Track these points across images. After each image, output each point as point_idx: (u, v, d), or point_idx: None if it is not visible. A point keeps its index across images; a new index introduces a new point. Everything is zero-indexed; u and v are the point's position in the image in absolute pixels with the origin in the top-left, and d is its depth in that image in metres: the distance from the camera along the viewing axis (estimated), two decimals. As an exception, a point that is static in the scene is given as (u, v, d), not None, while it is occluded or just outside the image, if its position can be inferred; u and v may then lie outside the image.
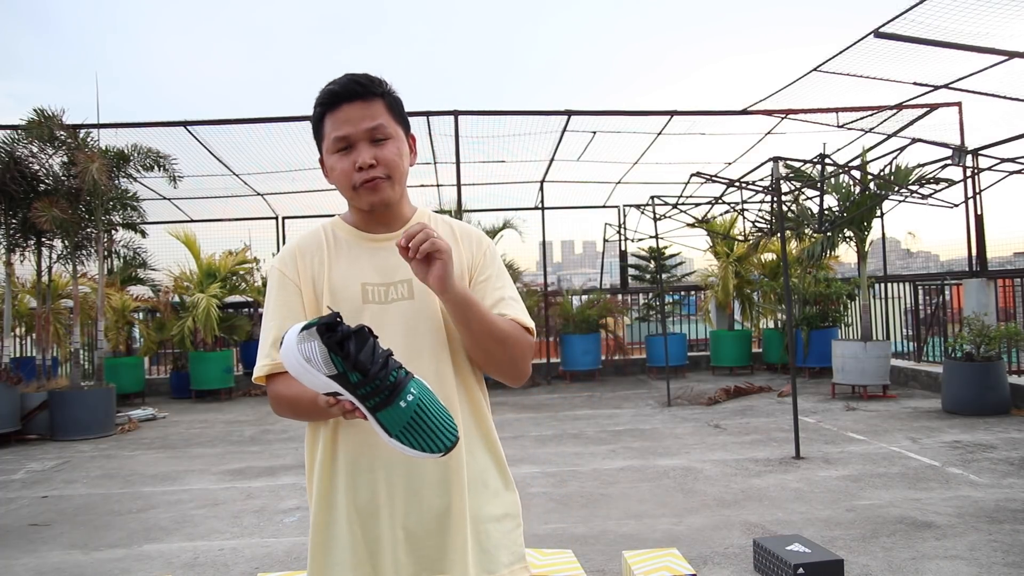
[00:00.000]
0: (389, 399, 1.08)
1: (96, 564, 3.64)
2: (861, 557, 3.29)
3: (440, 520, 1.33)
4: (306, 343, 1.06)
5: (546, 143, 10.30)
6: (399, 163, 1.38)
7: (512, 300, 1.42)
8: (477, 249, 1.46)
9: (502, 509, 1.41)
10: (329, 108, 1.36)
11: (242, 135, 9.68)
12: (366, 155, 1.34)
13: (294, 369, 1.08)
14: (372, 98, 1.35)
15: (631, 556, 2.92)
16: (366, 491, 1.33)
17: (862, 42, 7.05)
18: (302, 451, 5.80)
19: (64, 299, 9.55)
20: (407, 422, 1.08)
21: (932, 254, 13.33)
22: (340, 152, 1.36)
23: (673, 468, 5.05)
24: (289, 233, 11.92)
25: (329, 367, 1.06)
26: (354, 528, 1.33)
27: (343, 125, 1.34)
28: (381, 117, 1.36)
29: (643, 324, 11.34)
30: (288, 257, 1.42)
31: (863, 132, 9.67)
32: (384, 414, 1.09)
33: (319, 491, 1.36)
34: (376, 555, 1.32)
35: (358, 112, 1.34)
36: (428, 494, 1.33)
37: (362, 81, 1.35)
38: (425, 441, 1.09)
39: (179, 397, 10.01)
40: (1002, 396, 6.56)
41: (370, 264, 1.40)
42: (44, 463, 6.14)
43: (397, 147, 1.38)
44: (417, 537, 1.33)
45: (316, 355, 1.06)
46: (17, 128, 7.71)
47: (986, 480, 4.45)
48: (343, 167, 1.36)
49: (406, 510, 1.32)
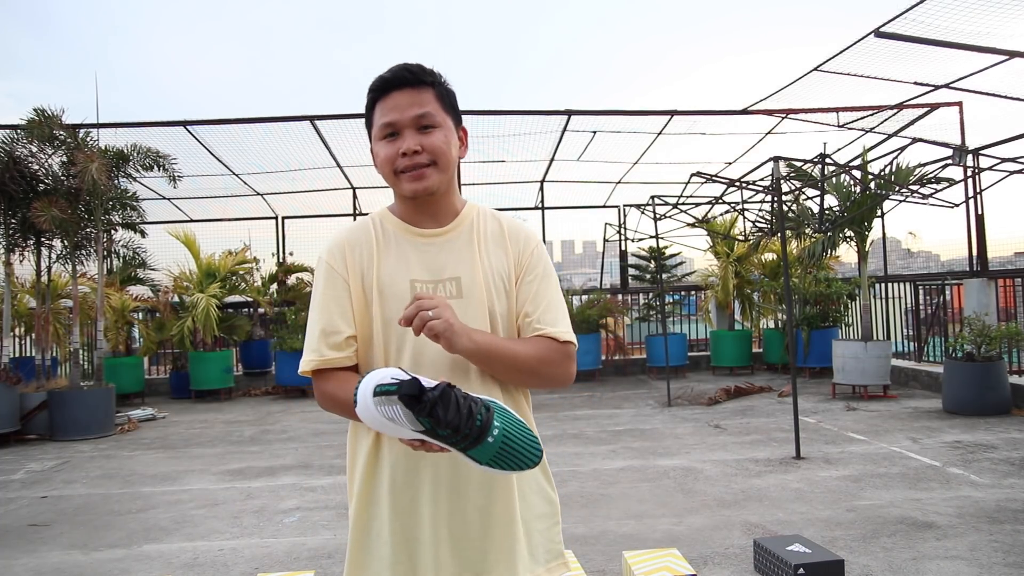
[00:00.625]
0: (478, 440, 1.11)
1: (96, 564, 3.64)
2: (861, 557, 3.28)
3: (484, 521, 1.34)
4: (387, 406, 1.09)
5: (546, 143, 10.30)
6: (446, 151, 1.36)
7: (553, 306, 1.40)
8: (525, 248, 1.44)
9: (543, 508, 1.43)
10: (379, 95, 1.35)
11: (242, 135, 9.68)
12: (411, 141, 1.33)
13: (376, 424, 1.12)
14: (422, 86, 1.35)
15: (631, 556, 2.92)
16: (410, 490, 1.34)
17: (862, 42, 7.05)
18: (301, 451, 5.78)
19: (63, 299, 9.54)
20: (496, 452, 1.13)
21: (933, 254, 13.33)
22: (386, 139, 1.36)
23: (673, 468, 5.04)
24: (289, 233, 11.92)
25: (416, 425, 1.10)
26: (395, 526, 1.33)
27: (390, 111, 1.34)
28: (429, 105, 1.35)
29: (643, 324, 11.34)
30: (337, 250, 1.40)
31: (863, 132, 9.67)
32: (474, 451, 1.13)
33: (362, 487, 1.36)
34: (416, 554, 1.33)
35: (406, 99, 1.34)
36: (473, 495, 1.34)
37: (413, 69, 1.35)
38: (515, 463, 1.14)
39: (179, 397, 10.00)
40: (1003, 396, 6.55)
41: (419, 260, 1.39)
42: (44, 463, 6.13)
43: (445, 136, 1.36)
44: (460, 537, 1.33)
45: (401, 416, 1.09)
46: (17, 128, 7.71)
47: (987, 480, 4.44)
48: (387, 153, 1.35)
49: (450, 510, 1.33)
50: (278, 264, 11.48)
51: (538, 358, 1.34)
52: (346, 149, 10.10)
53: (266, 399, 9.68)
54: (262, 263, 11.15)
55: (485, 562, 1.34)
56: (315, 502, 4.57)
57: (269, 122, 9.40)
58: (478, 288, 1.37)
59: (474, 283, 1.37)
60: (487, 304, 1.36)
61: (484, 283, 1.38)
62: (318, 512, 4.36)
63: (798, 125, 9.81)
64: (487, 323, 1.36)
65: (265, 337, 10.58)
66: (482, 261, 1.40)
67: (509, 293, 1.40)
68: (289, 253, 11.68)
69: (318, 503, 4.55)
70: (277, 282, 11.14)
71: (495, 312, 1.37)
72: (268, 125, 9.48)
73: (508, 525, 1.35)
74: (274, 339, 9.84)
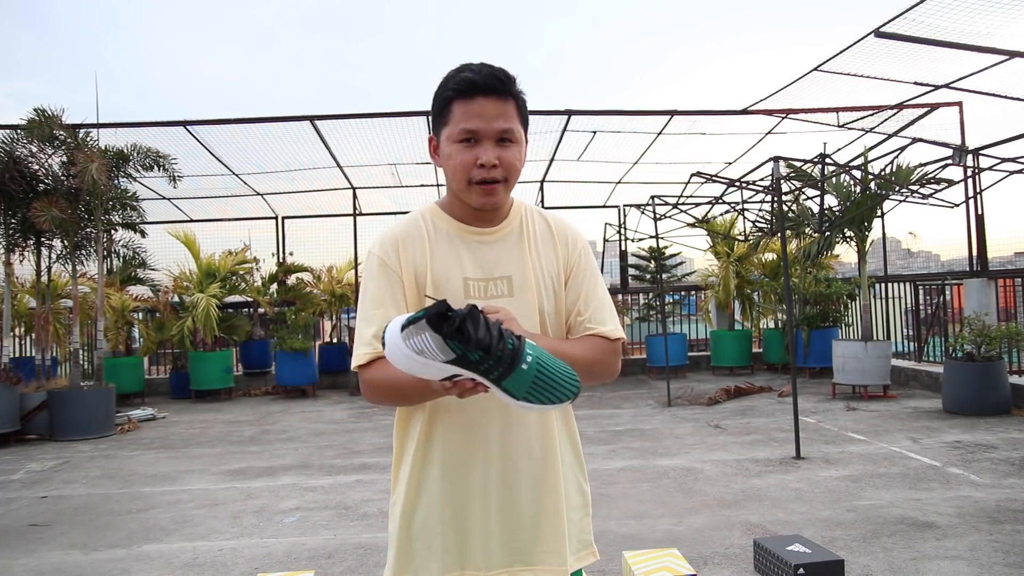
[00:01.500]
0: (511, 367, 1.08)
1: (96, 564, 3.64)
2: (861, 557, 3.28)
3: (535, 514, 1.37)
4: (415, 337, 1.06)
5: (546, 143, 10.29)
6: (518, 169, 1.37)
7: (604, 305, 1.44)
8: (572, 249, 1.47)
9: (580, 499, 1.47)
10: (463, 96, 1.31)
11: (242, 135, 9.67)
12: (490, 154, 1.32)
13: (405, 364, 1.08)
14: (507, 97, 1.33)
15: (631, 556, 2.92)
16: (462, 482, 1.35)
17: (862, 42, 7.04)
18: (301, 451, 5.78)
19: (63, 299, 9.54)
20: (531, 383, 1.09)
21: (932, 254, 13.35)
22: (464, 143, 1.33)
23: (673, 468, 5.04)
24: (289, 233, 11.91)
25: (447, 353, 1.06)
26: (446, 517, 1.35)
27: (475, 118, 1.31)
28: (513, 120, 1.34)
29: (643, 324, 11.34)
30: (390, 246, 1.39)
31: (863, 132, 9.67)
32: (508, 382, 1.09)
33: (411, 477, 1.38)
34: (465, 545, 1.35)
35: (493, 108, 1.31)
36: (524, 489, 1.37)
37: (501, 77, 1.32)
38: (552, 395, 1.11)
39: (179, 397, 10.00)
40: (1003, 396, 6.55)
41: (470, 259, 1.40)
42: (43, 463, 6.13)
43: (520, 152, 1.36)
44: (511, 530, 1.36)
45: (430, 345, 1.05)
46: (17, 128, 7.71)
47: (987, 480, 4.44)
48: (464, 159, 1.33)
49: (501, 503, 1.36)
50: (278, 264, 11.48)
51: (592, 359, 1.38)
52: (346, 149, 10.09)
53: (266, 399, 9.68)
54: (262, 263, 11.16)
55: (535, 553, 1.37)
56: (315, 502, 4.57)
57: (269, 122, 9.39)
58: (528, 287, 1.39)
59: (525, 282, 1.40)
60: (537, 303, 1.39)
61: (534, 282, 1.40)
62: (318, 512, 4.36)
63: (798, 125, 9.80)
64: (536, 321, 1.39)
65: (265, 337, 10.58)
66: (532, 260, 1.42)
67: (558, 292, 1.43)
68: (289, 253, 11.68)
69: (318, 503, 4.55)
70: (277, 282, 11.14)
71: (544, 311, 1.40)
72: (268, 125, 9.48)
73: (556, 518, 1.38)
74: (274, 339, 9.84)
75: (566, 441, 1.46)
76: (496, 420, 1.36)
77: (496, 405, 1.31)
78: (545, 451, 1.39)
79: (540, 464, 1.38)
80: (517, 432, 1.37)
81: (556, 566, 1.37)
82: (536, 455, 1.38)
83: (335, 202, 11.98)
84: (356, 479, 5.10)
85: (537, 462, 1.37)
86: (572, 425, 1.49)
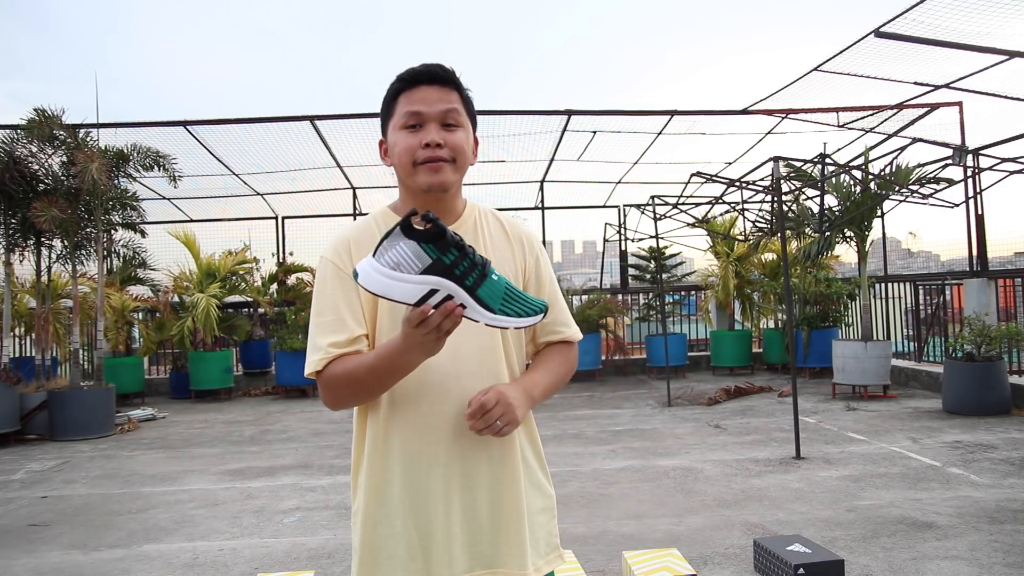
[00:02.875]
0: (484, 272, 1.10)
1: (96, 564, 3.64)
2: (861, 557, 3.28)
3: (494, 515, 1.36)
4: (389, 251, 1.07)
5: (546, 143, 10.30)
6: (465, 151, 1.38)
7: (563, 306, 1.50)
8: (529, 250, 1.48)
9: (543, 502, 1.45)
10: (407, 86, 1.36)
11: (242, 135, 9.68)
12: (435, 134, 1.34)
13: (381, 284, 1.08)
14: (450, 86, 1.37)
15: (631, 556, 2.92)
16: (423, 486, 1.33)
17: (862, 42, 7.05)
18: (301, 451, 5.77)
19: (63, 299, 9.54)
20: (504, 293, 1.12)
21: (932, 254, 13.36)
22: (408, 129, 1.35)
23: (673, 468, 5.04)
24: (289, 233, 11.92)
25: (423, 259, 1.07)
26: (408, 523, 1.33)
27: (418, 103, 1.34)
28: (456, 104, 1.37)
29: (643, 324, 11.34)
30: (342, 249, 1.39)
31: (863, 132, 9.67)
32: (483, 289, 1.10)
33: (370, 484, 1.36)
34: (429, 550, 1.33)
35: (435, 94, 1.35)
36: (484, 490, 1.35)
37: (443, 68, 1.37)
38: (524, 307, 1.14)
39: (179, 397, 10.00)
40: (1003, 396, 6.55)
41: None
42: (43, 463, 6.13)
43: (466, 136, 1.38)
44: (473, 532, 1.34)
45: (406, 254, 1.07)
46: (17, 128, 7.71)
47: (987, 480, 4.44)
48: (408, 143, 1.35)
49: (462, 506, 1.34)
50: (278, 264, 11.48)
51: (568, 369, 1.49)
52: (346, 149, 10.10)
53: (266, 399, 9.68)
54: (262, 263, 11.16)
55: (497, 556, 1.35)
56: (315, 502, 4.57)
57: (269, 122, 9.40)
58: None
59: None
60: None
61: None
62: (318, 512, 4.36)
63: (798, 125, 9.81)
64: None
65: (265, 337, 10.58)
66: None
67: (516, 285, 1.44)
68: (289, 253, 11.69)
69: (318, 503, 4.55)
70: (277, 282, 11.14)
71: None
72: (268, 125, 9.48)
73: (517, 519, 1.37)
74: (274, 339, 9.83)
75: (526, 443, 1.44)
76: (454, 420, 1.33)
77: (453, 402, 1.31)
78: (504, 452, 1.36)
79: (499, 465, 1.36)
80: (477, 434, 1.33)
81: (516, 570, 1.35)
82: (495, 456, 1.35)
83: (335, 202, 11.99)
84: (356, 479, 5.10)
85: (496, 463, 1.35)
86: (532, 426, 1.47)
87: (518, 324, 1.13)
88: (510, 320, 1.12)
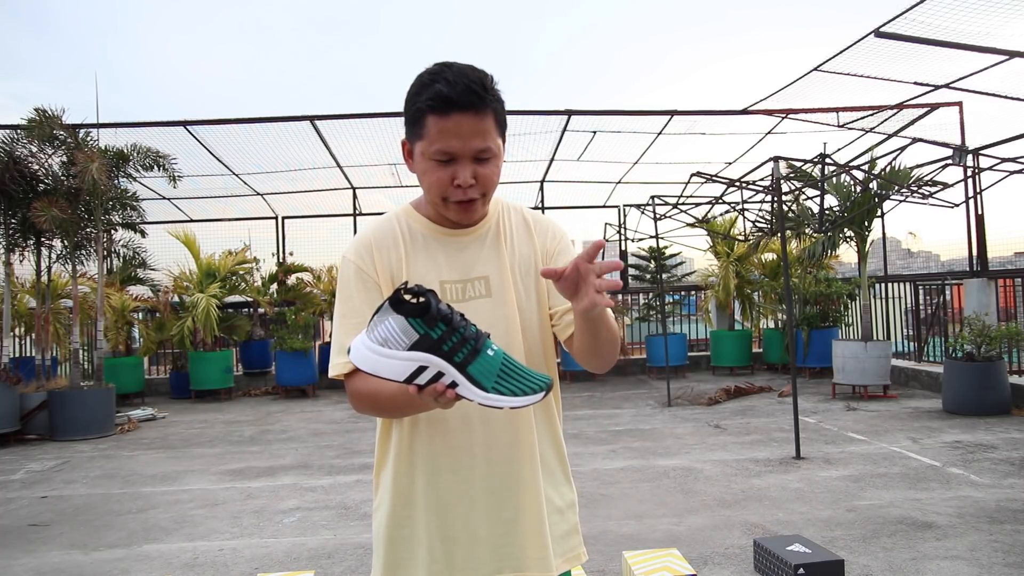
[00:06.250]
0: (476, 348, 1.04)
1: (96, 564, 3.64)
2: (861, 557, 3.28)
3: (518, 517, 1.35)
4: (378, 327, 1.04)
5: (546, 143, 10.30)
6: (496, 182, 1.32)
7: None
8: (552, 239, 1.44)
9: (564, 501, 1.45)
10: (438, 112, 1.23)
11: (242, 135, 9.68)
12: (467, 173, 1.26)
13: (371, 362, 1.05)
14: (485, 110, 1.25)
15: (631, 556, 2.92)
16: (446, 490, 1.34)
17: (863, 42, 7.04)
18: (301, 451, 5.78)
19: (64, 299, 9.54)
20: (499, 371, 1.04)
21: (932, 254, 13.34)
22: (439, 162, 1.27)
23: (673, 468, 5.04)
24: (289, 233, 11.92)
25: (409, 335, 1.03)
26: (431, 526, 1.34)
27: (451, 138, 1.24)
28: (490, 136, 1.26)
29: (643, 324, 11.34)
30: (364, 250, 1.36)
31: (863, 132, 9.67)
32: (475, 367, 1.03)
33: (395, 487, 1.36)
34: (452, 553, 1.34)
35: (469, 126, 1.23)
36: (508, 493, 1.35)
37: (478, 91, 1.23)
38: (522, 384, 1.04)
39: (179, 397, 10.00)
40: (1003, 396, 6.55)
41: (447, 260, 1.37)
42: (43, 463, 6.13)
43: (497, 165, 1.31)
44: (497, 535, 1.34)
45: (394, 330, 1.03)
46: (17, 128, 7.71)
47: (987, 480, 4.44)
48: (439, 176, 1.27)
49: (486, 508, 1.34)
50: (278, 264, 11.48)
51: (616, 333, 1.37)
52: (346, 149, 10.10)
53: (266, 399, 9.68)
54: (262, 263, 11.16)
55: (523, 557, 1.35)
56: (315, 502, 4.57)
57: (269, 122, 9.40)
58: (506, 286, 1.37)
59: (503, 281, 1.38)
60: (515, 301, 1.37)
61: (512, 280, 1.39)
62: (318, 512, 4.36)
63: (798, 125, 9.80)
64: (517, 322, 1.36)
65: (265, 337, 10.58)
66: (510, 257, 1.40)
67: (537, 284, 1.41)
68: (289, 253, 11.68)
69: (318, 503, 4.55)
70: (277, 282, 11.14)
71: (523, 307, 1.38)
72: (268, 125, 9.48)
73: (539, 521, 1.37)
74: (274, 339, 9.84)
75: (549, 444, 1.43)
76: (478, 425, 1.33)
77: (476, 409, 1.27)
78: (527, 455, 1.36)
79: (522, 468, 1.35)
80: (499, 436, 1.34)
81: (542, 572, 1.36)
82: (517, 459, 1.35)
83: (335, 202, 11.98)
84: (356, 479, 5.10)
85: (518, 466, 1.35)
86: (556, 428, 1.46)
87: (514, 404, 1.04)
88: (505, 400, 1.03)
